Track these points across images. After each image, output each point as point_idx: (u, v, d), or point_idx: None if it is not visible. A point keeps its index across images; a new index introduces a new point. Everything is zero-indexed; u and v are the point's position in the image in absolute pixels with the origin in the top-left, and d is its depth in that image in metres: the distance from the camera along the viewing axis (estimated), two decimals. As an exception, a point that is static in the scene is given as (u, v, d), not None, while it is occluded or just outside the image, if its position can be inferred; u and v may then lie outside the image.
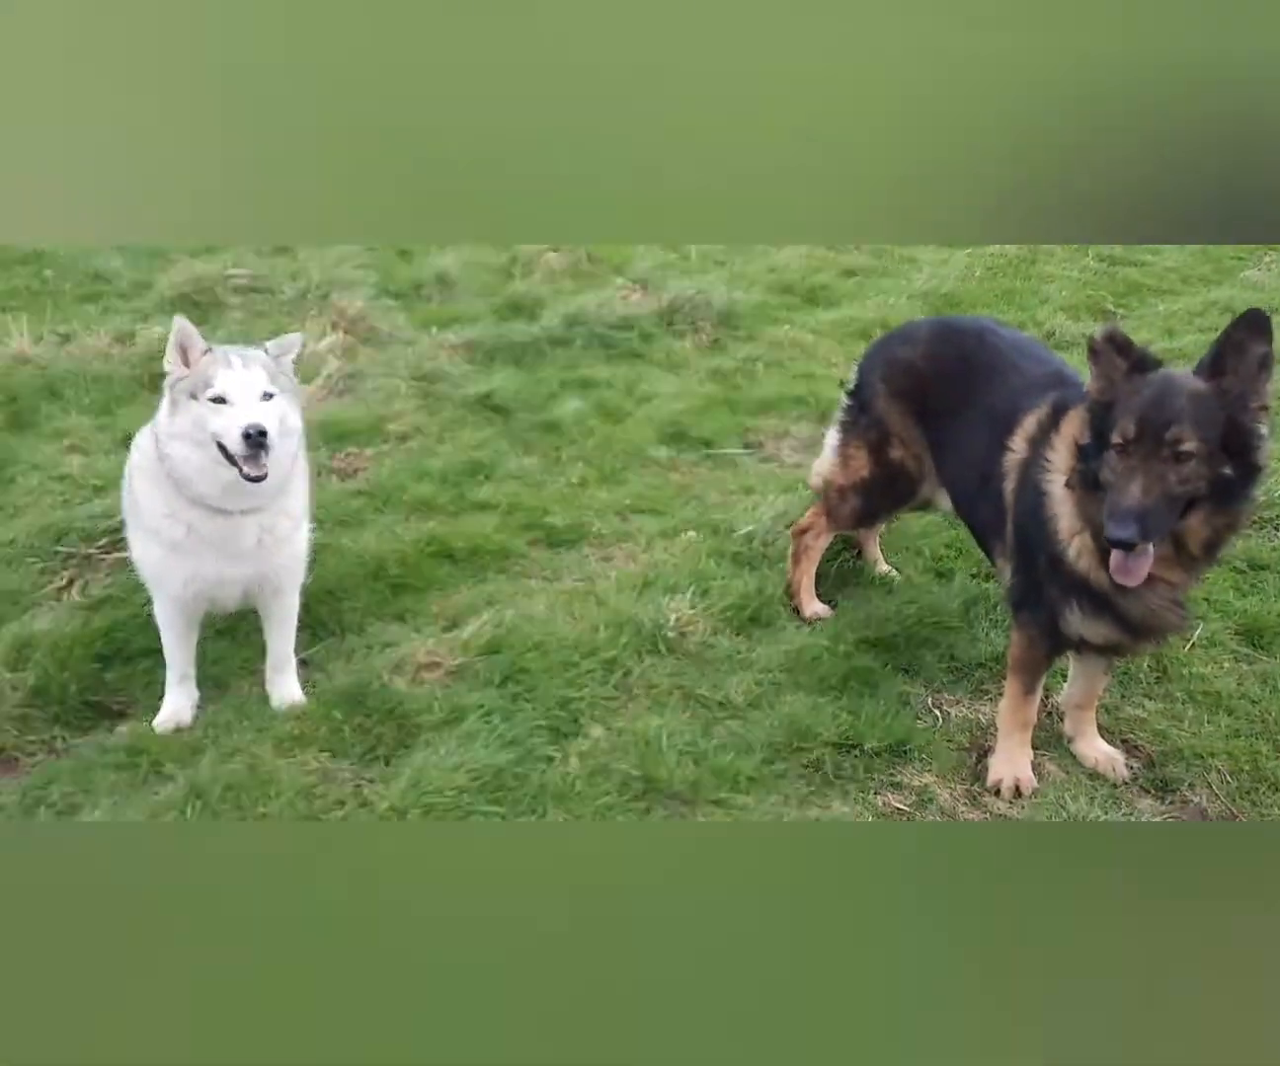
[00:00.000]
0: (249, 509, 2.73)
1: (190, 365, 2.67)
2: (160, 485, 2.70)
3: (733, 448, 4.95)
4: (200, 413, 2.62)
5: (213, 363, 2.65)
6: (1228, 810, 2.73)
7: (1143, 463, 2.38)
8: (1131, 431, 2.40)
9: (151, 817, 2.50)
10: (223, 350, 2.70)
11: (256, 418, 2.58)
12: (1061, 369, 3.07)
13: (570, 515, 4.19)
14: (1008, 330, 3.33)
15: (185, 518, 2.70)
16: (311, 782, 2.66)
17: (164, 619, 2.87)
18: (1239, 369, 2.36)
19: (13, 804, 2.62)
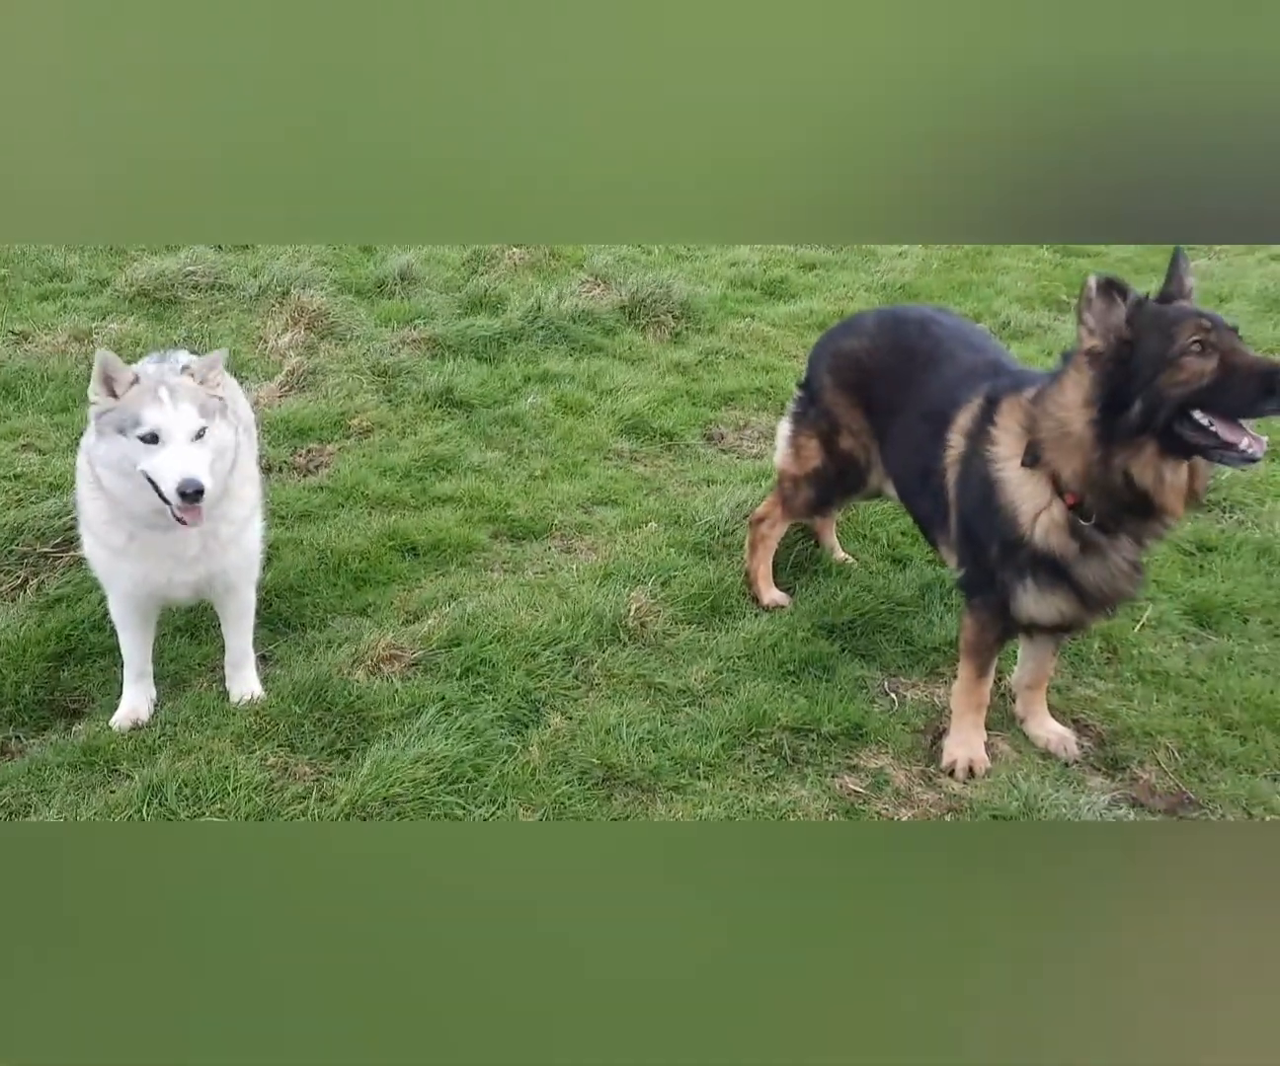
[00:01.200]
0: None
1: (119, 394, 2.57)
2: (99, 494, 2.67)
3: (694, 440, 4.98)
4: (128, 449, 2.53)
5: (140, 397, 2.54)
6: (1176, 786, 2.79)
7: (1234, 340, 2.42)
8: (1207, 323, 2.41)
9: (107, 816, 2.49)
10: (151, 380, 2.60)
11: (191, 471, 2.47)
12: (998, 358, 3.08)
13: (532, 508, 4.21)
14: (950, 319, 3.34)
15: (126, 527, 2.67)
16: (270, 777, 2.66)
17: (118, 617, 2.86)
18: (1214, 354, 2.45)
19: (-33, 805, 2.60)
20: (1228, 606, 3.48)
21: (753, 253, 7.73)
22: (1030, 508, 2.68)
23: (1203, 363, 2.41)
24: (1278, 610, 3.49)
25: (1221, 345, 2.41)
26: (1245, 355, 2.41)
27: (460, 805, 2.62)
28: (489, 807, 2.63)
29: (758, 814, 2.67)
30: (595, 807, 2.66)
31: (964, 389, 2.92)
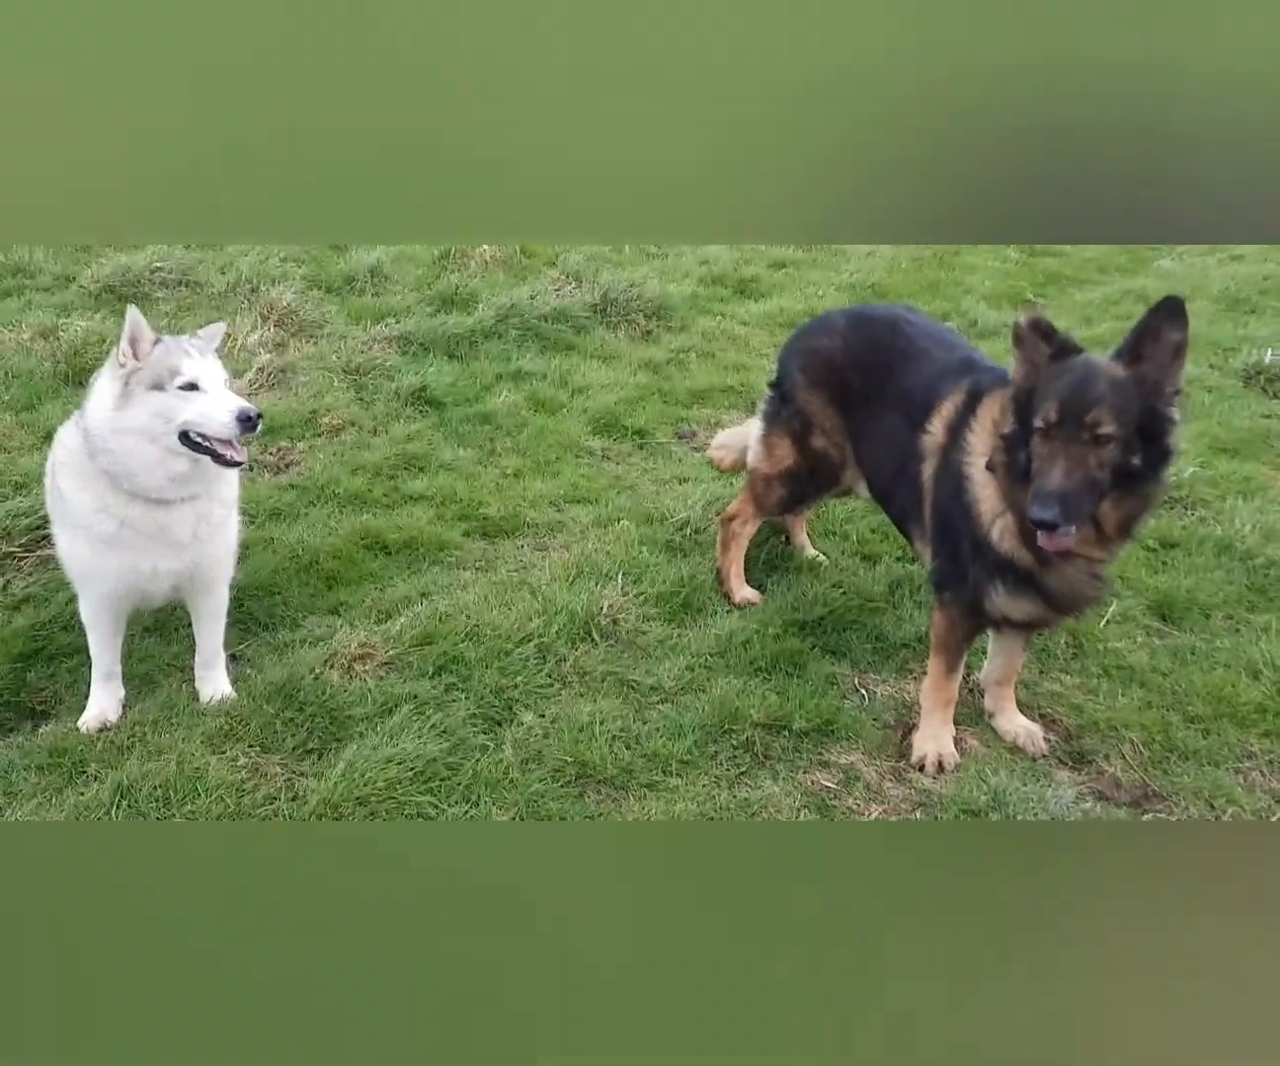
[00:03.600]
0: (189, 496, 2.70)
1: (140, 357, 2.63)
2: (91, 481, 2.65)
3: (665, 438, 5.00)
4: (167, 402, 2.60)
5: (170, 352, 2.64)
6: (1140, 779, 2.84)
7: (1064, 446, 2.45)
8: (1054, 415, 2.47)
9: (76, 818, 2.47)
10: (172, 340, 2.69)
11: (246, 403, 2.64)
12: (971, 355, 3.12)
13: (505, 506, 4.21)
14: (920, 318, 3.37)
15: (119, 512, 2.66)
16: (242, 778, 2.65)
17: (89, 616, 2.83)
18: (1156, 355, 2.43)
19: (-68, 808, 2.57)
20: (1190, 602, 3.54)
21: (724, 251, 7.76)
22: (989, 510, 2.72)
23: (1041, 445, 2.50)
24: (1239, 606, 3.56)
25: (1052, 444, 2.47)
26: (1051, 465, 2.45)
27: (434, 804, 2.62)
28: (462, 806, 2.63)
29: (730, 810, 2.69)
30: (569, 806, 2.67)
31: (944, 383, 2.96)
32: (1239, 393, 5.39)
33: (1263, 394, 5.41)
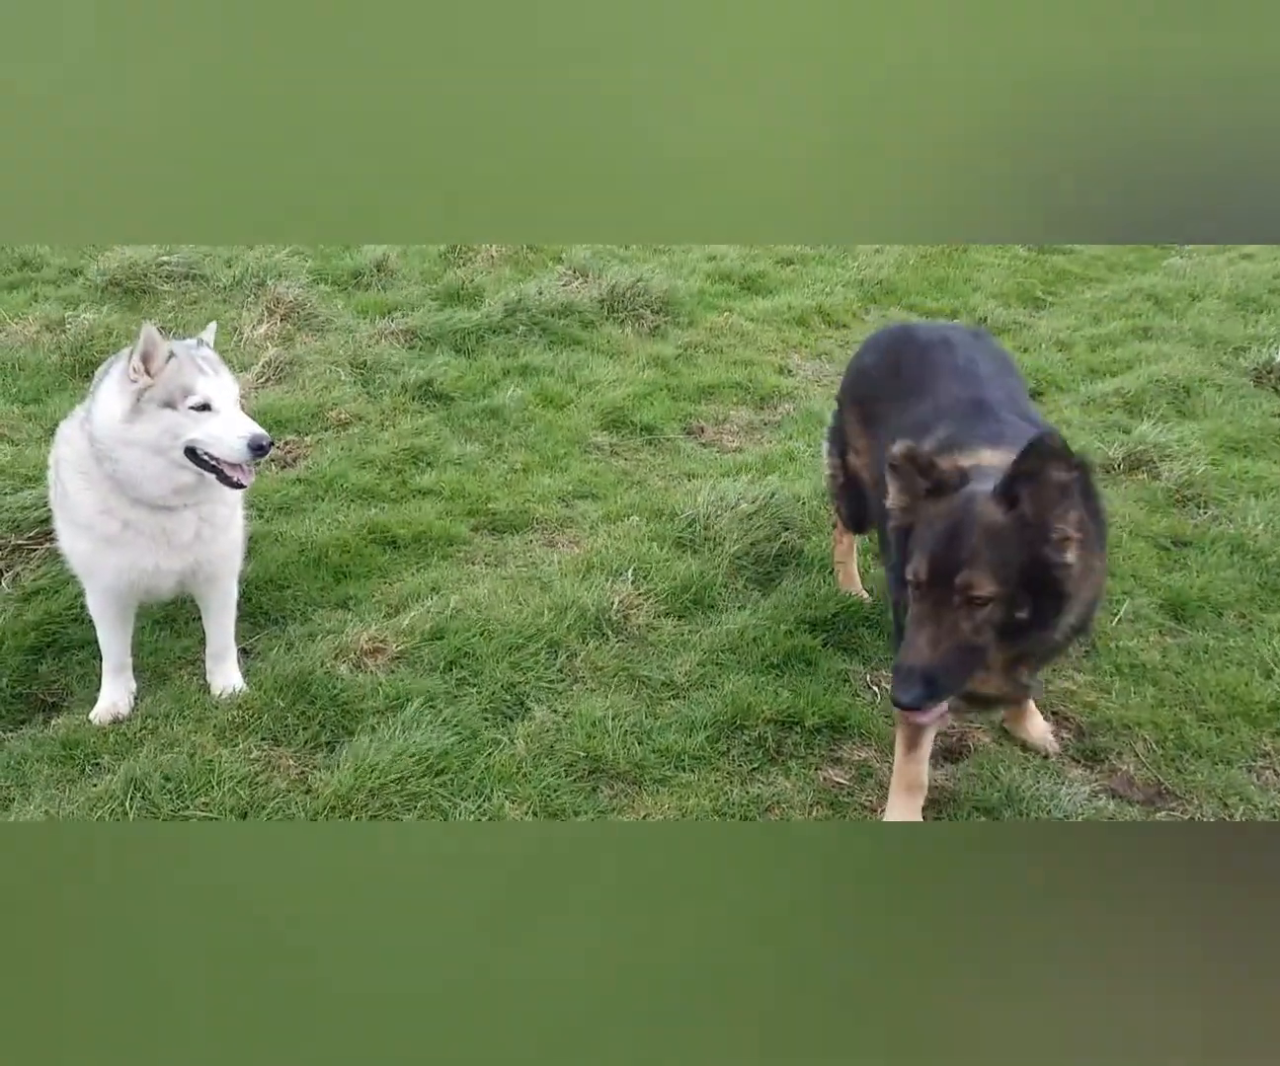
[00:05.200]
0: (193, 503, 2.70)
1: (153, 373, 2.60)
2: (95, 483, 2.64)
3: (674, 433, 4.99)
4: (178, 420, 2.59)
5: (184, 369, 2.61)
6: (1154, 777, 2.83)
7: (934, 610, 2.17)
8: (923, 572, 2.18)
9: (89, 810, 2.47)
10: (185, 354, 2.66)
11: (259, 428, 2.63)
12: (984, 397, 2.71)
13: (513, 501, 4.20)
14: (966, 345, 2.96)
15: (122, 515, 2.65)
16: (254, 771, 2.64)
17: (97, 610, 2.82)
18: (1038, 497, 2.13)
19: (-57, 799, 2.57)
20: (1203, 601, 3.53)
21: (731, 247, 7.75)
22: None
23: (911, 602, 2.24)
24: (1251, 604, 3.55)
25: (921, 605, 2.19)
26: (916, 633, 2.18)
27: (446, 797, 2.61)
28: (475, 800, 2.62)
29: (743, 806, 2.68)
30: (582, 800, 2.66)
31: (933, 426, 2.63)
32: (1250, 392, 5.38)
33: (1274, 393, 5.40)
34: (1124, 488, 4.34)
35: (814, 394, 5.54)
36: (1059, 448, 2.12)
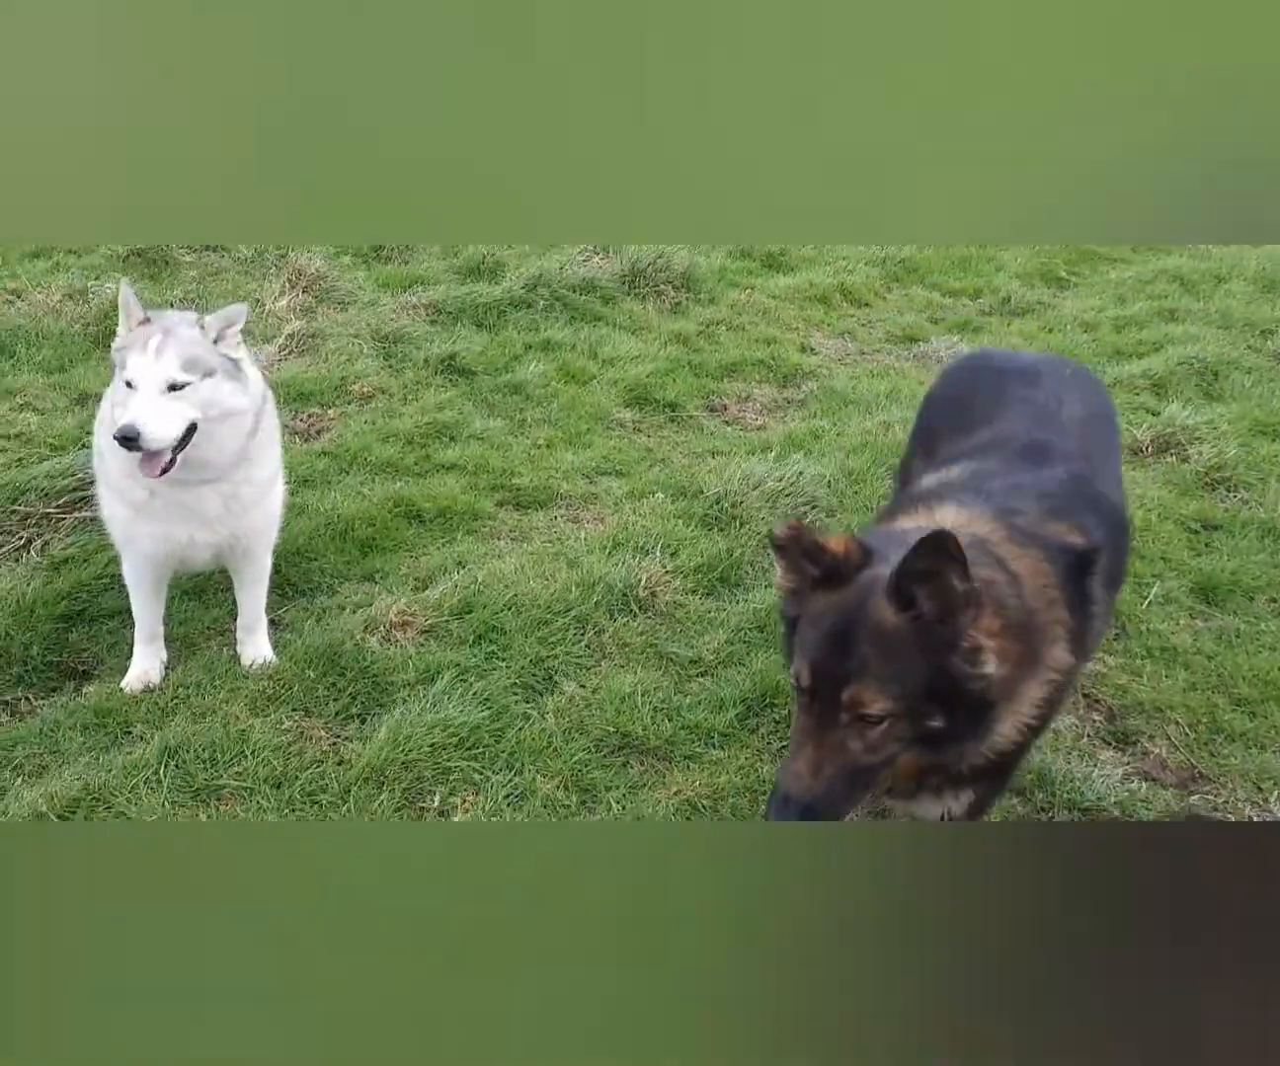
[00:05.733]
0: (203, 480, 2.66)
1: (130, 331, 2.57)
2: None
3: (697, 411, 4.97)
4: (118, 392, 2.56)
5: (133, 343, 2.53)
6: (1187, 761, 2.82)
7: (818, 726, 1.82)
8: (806, 680, 1.84)
9: (124, 778, 2.47)
10: (153, 326, 2.56)
11: (132, 418, 2.43)
12: (1047, 441, 2.39)
13: (537, 477, 4.18)
14: (1058, 377, 2.64)
15: (147, 482, 2.64)
16: (288, 741, 2.64)
17: (132, 578, 2.82)
18: (937, 600, 1.75)
19: (-24, 765, 2.57)
20: (1234, 584, 3.51)
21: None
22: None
23: (796, 710, 1.94)
24: (1282, 589, 3.52)
25: (805, 716, 1.86)
26: (797, 750, 1.86)
27: (478, 771, 2.62)
28: (507, 774, 2.63)
29: (772, 783, 2.67)
30: (613, 775, 2.66)
31: (958, 462, 2.39)
32: (1278, 374, 5.33)
33: (1301, 376, 5.36)
34: (1152, 470, 4.31)
35: (837, 372, 5.51)
36: (948, 546, 1.70)
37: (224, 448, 2.60)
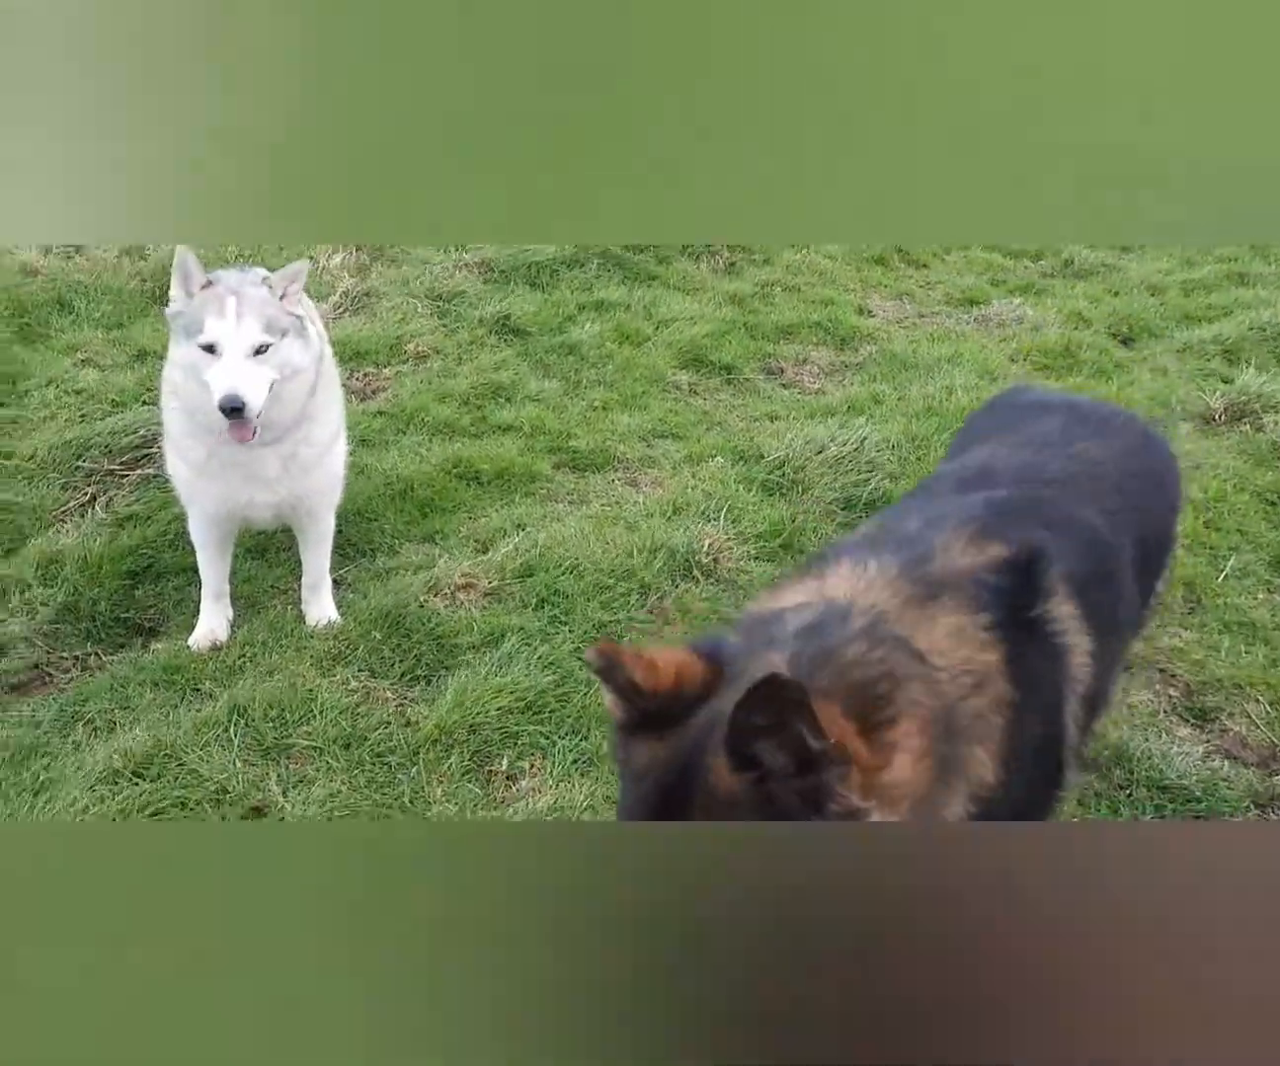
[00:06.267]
0: (264, 441, 2.63)
1: (192, 297, 2.53)
2: (181, 406, 2.63)
3: (753, 373, 4.89)
4: (193, 355, 2.51)
5: (206, 304, 2.49)
6: (1268, 739, 2.74)
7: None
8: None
9: (195, 735, 2.48)
10: (222, 287, 2.53)
11: (235, 386, 2.43)
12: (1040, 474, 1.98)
13: (593, 439, 4.14)
14: (1063, 418, 2.20)
15: (205, 441, 2.63)
16: (354, 702, 2.64)
17: (198, 536, 2.83)
18: (784, 753, 1.26)
19: (49, 720, 2.59)
20: (1314, 558, 3.40)
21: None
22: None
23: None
24: (1364, 564, 3.41)
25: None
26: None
27: (544, 735, 2.60)
28: (573, 738, 2.60)
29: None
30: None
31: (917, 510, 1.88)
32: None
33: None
34: (1226, 439, 4.18)
35: (895, 335, 5.40)
36: (794, 697, 1.22)
37: (288, 407, 2.59)
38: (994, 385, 4.64)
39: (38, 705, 2.65)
